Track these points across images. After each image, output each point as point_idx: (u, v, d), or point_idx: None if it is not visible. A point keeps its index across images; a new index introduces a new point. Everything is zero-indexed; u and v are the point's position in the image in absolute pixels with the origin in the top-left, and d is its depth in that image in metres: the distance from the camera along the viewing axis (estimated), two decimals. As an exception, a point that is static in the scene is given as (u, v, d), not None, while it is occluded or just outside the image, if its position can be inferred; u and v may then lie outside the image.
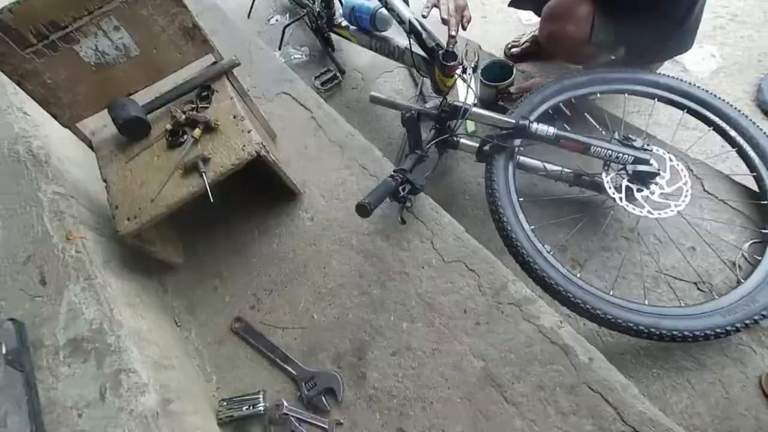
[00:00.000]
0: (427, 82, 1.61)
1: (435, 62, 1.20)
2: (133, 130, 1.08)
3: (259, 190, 1.25)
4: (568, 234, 1.22)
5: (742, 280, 1.04)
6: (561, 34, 1.29)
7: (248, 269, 1.16)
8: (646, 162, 1.10)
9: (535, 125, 1.14)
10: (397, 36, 1.44)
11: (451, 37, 1.15)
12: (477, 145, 1.23)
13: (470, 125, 1.54)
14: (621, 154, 1.09)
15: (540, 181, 1.33)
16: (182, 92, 1.14)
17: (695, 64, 1.84)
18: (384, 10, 1.32)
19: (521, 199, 1.15)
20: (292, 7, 2.16)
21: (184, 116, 1.08)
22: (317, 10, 1.75)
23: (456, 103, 1.15)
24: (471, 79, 1.66)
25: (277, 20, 2.20)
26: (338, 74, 1.82)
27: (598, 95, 1.29)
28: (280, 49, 2.04)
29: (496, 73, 1.53)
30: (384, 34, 1.47)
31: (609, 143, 1.11)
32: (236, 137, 1.05)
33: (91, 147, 1.13)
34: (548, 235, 1.25)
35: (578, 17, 1.25)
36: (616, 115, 1.44)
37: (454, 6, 1.14)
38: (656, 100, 1.27)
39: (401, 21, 1.24)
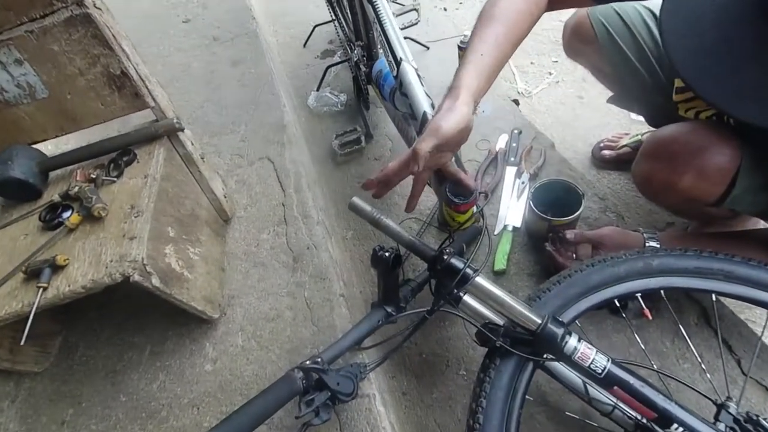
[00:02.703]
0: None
1: (441, 187, 0.77)
2: (11, 194, 0.82)
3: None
4: None
5: None
6: (668, 184, 0.75)
7: (108, 411, 0.83)
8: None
9: (573, 342, 0.65)
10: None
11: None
12: (484, 313, 0.78)
13: (501, 256, 1.07)
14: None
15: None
16: (94, 153, 0.86)
17: None
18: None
19: (521, 452, 0.67)
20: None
21: (77, 189, 0.80)
22: (355, 59, 1.42)
23: (453, 261, 0.72)
24: (525, 189, 1.20)
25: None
26: (363, 138, 1.46)
27: (714, 298, 0.76)
28: (318, 90, 1.75)
29: (556, 197, 1.04)
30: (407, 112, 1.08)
31: (712, 427, 0.59)
32: (112, 242, 0.73)
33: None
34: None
35: (706, 167, 0.70)
36: (748, 326, 0.85)
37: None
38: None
39: (412, 115, 0.84)
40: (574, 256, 0.94)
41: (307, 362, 0.66)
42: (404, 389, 0.94)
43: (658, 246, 0.85)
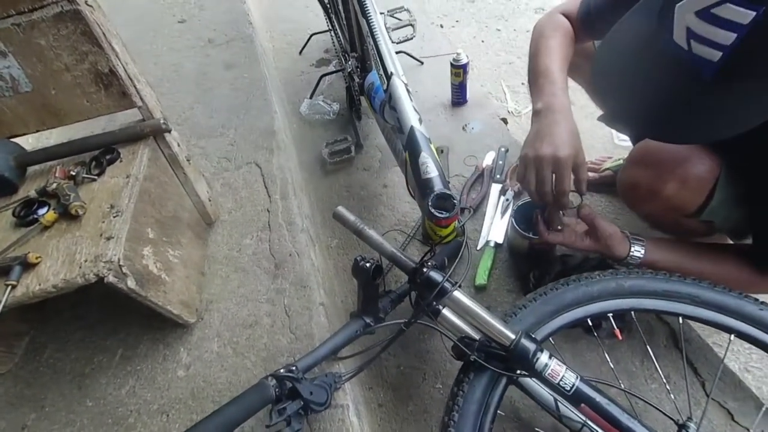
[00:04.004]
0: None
1: (424, 201, 0.78)
2: (-15, 187, 0.81)
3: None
4: None
5: None
6: (652, 191, 0.78)
7: (73, 416, 0.81)
8: None
9: (544, 358, 0.66)
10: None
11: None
12: (461, 327, 0.78)
13: (483, 272, 1.08)
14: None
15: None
16: (76, 149, 0.85)
17: None
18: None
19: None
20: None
21: (55, 185, 0.78)
22: (349, 69, 1.43)
23: (432, 274, 0.72)
24: (509, 206, 1.22)
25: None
26: (353, 148, 1.47)
27: (680, 320, 0.78)
28: (311, 97, 1.76)
29: (538, 215, 1.06)
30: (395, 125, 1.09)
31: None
32: (88, 241, 0.72)
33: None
34: None
35: (689, 175, 0.74)
36: (713, 350, 0.87)
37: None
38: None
39: (400, 129, 0.85)
40: (560, 229, 0.88)
41: (282, 370, 0.65)
42: (380, 401, 0.94)
43: (643, 251, 0.84)
